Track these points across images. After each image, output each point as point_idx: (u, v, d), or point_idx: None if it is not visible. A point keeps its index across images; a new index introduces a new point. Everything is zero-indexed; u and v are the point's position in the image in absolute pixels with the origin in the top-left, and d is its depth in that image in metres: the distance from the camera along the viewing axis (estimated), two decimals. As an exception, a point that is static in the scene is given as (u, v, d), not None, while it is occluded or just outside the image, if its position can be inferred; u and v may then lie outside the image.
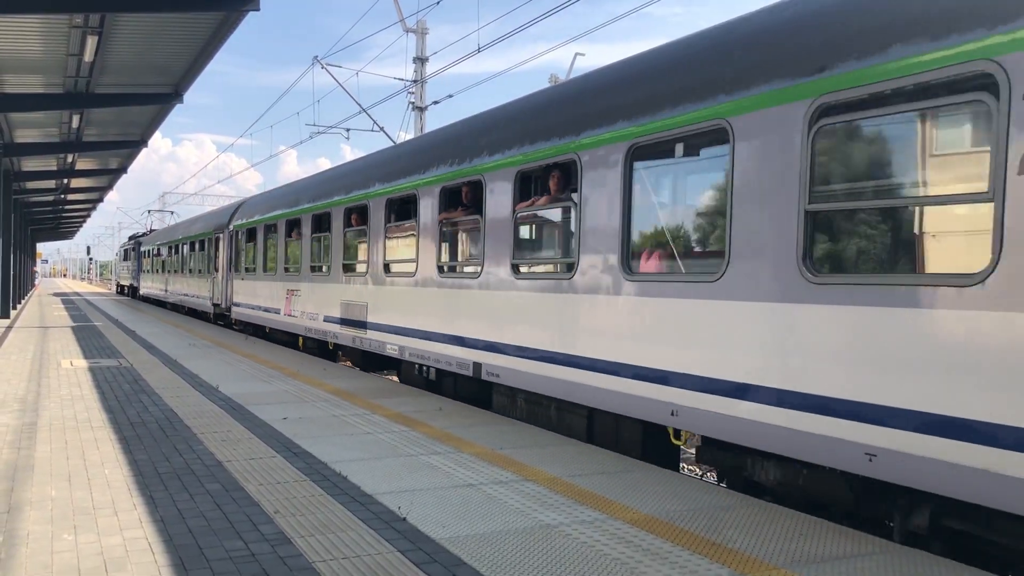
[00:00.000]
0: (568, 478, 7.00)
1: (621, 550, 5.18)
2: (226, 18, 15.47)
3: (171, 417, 9.63)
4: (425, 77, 28.06)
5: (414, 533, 5.46)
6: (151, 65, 18.91)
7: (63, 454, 7.66)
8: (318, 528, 5.54)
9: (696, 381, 6.98)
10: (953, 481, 5.01)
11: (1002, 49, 4.80)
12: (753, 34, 6.88)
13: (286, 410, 10.16)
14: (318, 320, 16.40)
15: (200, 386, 12.22)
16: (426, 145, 12.99)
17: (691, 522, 5.81)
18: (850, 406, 5.64)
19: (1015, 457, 4.71)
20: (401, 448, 8.08)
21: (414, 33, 27.84)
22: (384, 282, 13.29)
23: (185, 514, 5.84)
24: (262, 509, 5.97)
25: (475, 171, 10.52)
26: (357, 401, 10.99)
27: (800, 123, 6.05)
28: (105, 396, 11.19)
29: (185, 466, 7.26)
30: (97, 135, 27.67)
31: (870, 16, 5.72)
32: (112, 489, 6.47)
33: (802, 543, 5.39)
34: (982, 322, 4.89)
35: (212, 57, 18.16)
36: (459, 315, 10.87)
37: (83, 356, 16.35)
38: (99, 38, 15.97)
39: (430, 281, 11.71)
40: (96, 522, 5.61)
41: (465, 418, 9.85)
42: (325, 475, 6.98)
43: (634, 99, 7.99)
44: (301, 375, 13.70)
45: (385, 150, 15.46)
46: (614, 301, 8.04)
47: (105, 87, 20.53)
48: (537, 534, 5.47)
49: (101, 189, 46.50)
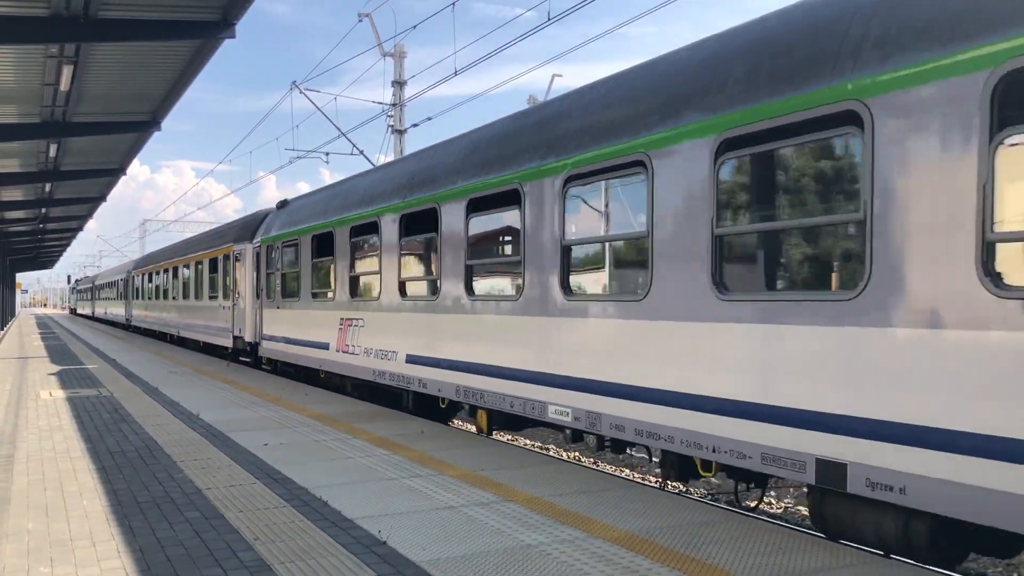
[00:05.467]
0: (549, 498, 7.01)
1: (602, 568, 5.19)
2: (203, 46, 15.48)
3: (151, 445, 9.56)
4: (403, 100, 28.19)
5: (395, 557, 5.45)
6: (128, 93, 18.88)
7: (40, 485, 7.59)
8: (298, 554, 5.52)
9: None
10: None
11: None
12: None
13: (267, 436, 10.11)
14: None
15: (181, 414, 12.14)
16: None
17: (672, 539, 5.83)
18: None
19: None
20: (382, 472, 8.07)
21: (392, 57, 27.99)
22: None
23: (164, 543, 5.80)
24: (242, 536, 5.94)
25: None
26: (339, 426, 10.96)
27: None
28: (84, 425, 11.10)
29: (164, 494, 7.22)
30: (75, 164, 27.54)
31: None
32: (90, 520, 6.41)
33: (782, 557, 5.42)
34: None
35: (190, 84, 18.14)
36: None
37: (61, 386, 16.22)
38: (75, 67, 15.93)
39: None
40: (73, 553, 5.57)
41: (447, 441, 9.83)
42: (306, 501, 6.95)
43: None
44: (283, 401, 13.64)
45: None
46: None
47: (82, 115, 20.45)
48: (518, 554, 5.48)
49: (80, 218, 46.22)
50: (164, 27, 13.79)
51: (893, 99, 5.31)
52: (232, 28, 13.99)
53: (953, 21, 5.04)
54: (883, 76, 5.36)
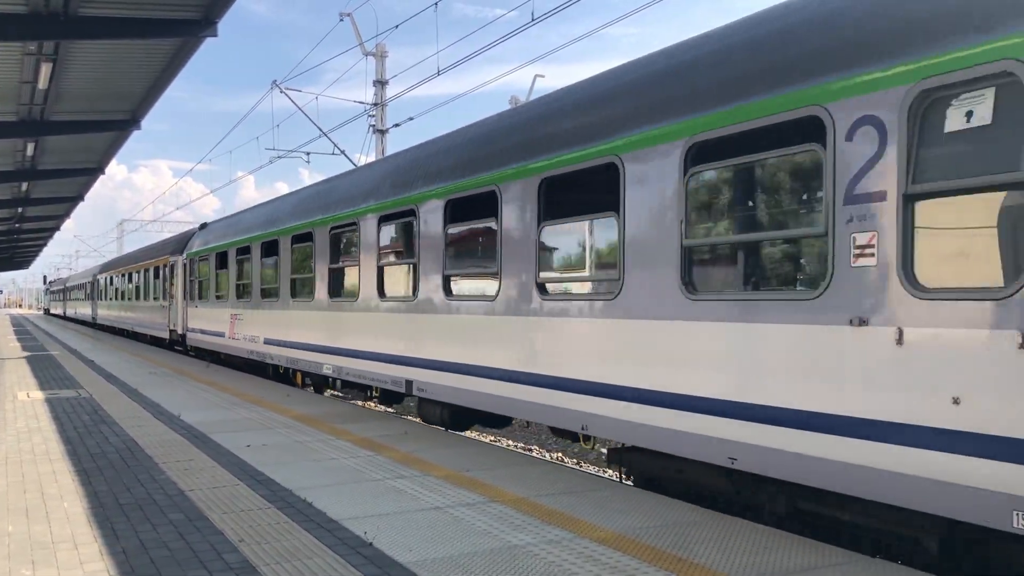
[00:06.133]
0: (535, 498, 7.00)
1: (589, 568, 5.19)
2: (184, 44, 15.36)
3: (132, 447, 9.47)
4: (385, 100, 28.08)
5: (381, 558, 5.42)
6: (108, 92, 18.69)
7: (20, 488, 7.49)
8: (284, 555, 5.48)
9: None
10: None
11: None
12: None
13: (250, 437, 10.04)
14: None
15: (161, 415, 12.03)
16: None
17: (658, 539, 5.83)
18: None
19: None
20: (367, 473, 8.03)
21: (373, 56, 27.89)
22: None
23: (147, 545, 5.74)
24: (226, 538, 5.89)
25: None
26: (322, 427, 10.90)
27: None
28: (63, 427, 10.98)
29: (147, 496, 7.14)
30: (53, 163, 27.23)
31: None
32: (71, 522, 6.34)
33: (768, 556, 5.44)
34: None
35: (170, 83, 18.00)
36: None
37: (39, 387, 16.03)
38: (53, 65, 15.76)
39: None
40: (55, 556, 5.50)
41: (431, 441, 9.81)
42: (290, 502, 6.90)
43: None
44: (265, 402, 13.55)
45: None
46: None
47: (61, 114, 20.23)
48: (504, 555, 5.46)
49: (57, 217, 45.71)
50: (145, 25, 13.67)
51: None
52: (214, 26, 13.89)
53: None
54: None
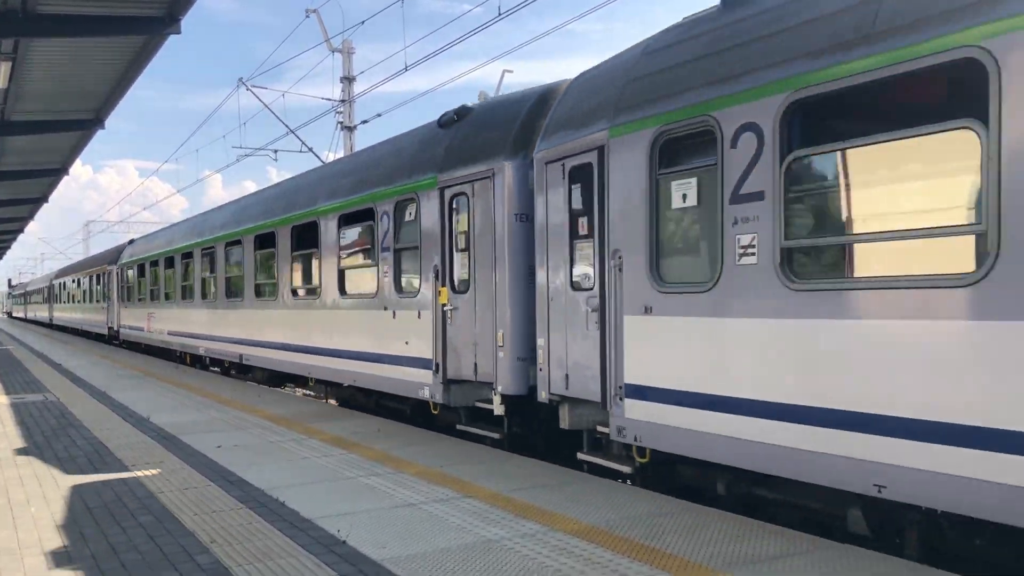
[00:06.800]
0: (508, 492, 7.02)
1: (563, 561, 5.22)
2: (147, 42, 15.15)
3: (100, 450, 9.36)
4: (353, 96, 27.92)
5: (354, 555, 5.41)
6: (70, 91, 18.40)
7: (-14, 494, 7.39)
8: (256, 556, 5.45)
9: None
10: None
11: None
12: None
13: (221, 438, 9.96)
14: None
15: (130, 417, 11.90)
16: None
17: (631, 530, 5.87)
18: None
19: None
20: (340, 471, 8.00)
21: (340, 53, 27.71)
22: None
23: (117, 548, 5.68)
24: (198, 539, 5.84)
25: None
26: (294, 426, 10.84)
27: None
28: (30, 431, 10.83)
29: (116, 499, 7.07)
30: (15, 164, 26.78)
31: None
32: (39, 527, 6.26)
33: (738, 545, 5.49)
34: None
35: (134, 82, 17.76)
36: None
37: (3, 391, 15.79)
38: (13, 64, 15.49)
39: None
40: (22, 562, 5.43)
41: (404, 439, 9.79)
42: (262, 502, 6.86)
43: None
44: (235, 402, 13.45)
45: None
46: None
47: (22, 114, 19.90)
48: (479, 550, 5.47)
49: (21, 219, 44.96)
50: (107, 22, 13.45)
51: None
52: (178, 24, 13.71)
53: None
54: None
